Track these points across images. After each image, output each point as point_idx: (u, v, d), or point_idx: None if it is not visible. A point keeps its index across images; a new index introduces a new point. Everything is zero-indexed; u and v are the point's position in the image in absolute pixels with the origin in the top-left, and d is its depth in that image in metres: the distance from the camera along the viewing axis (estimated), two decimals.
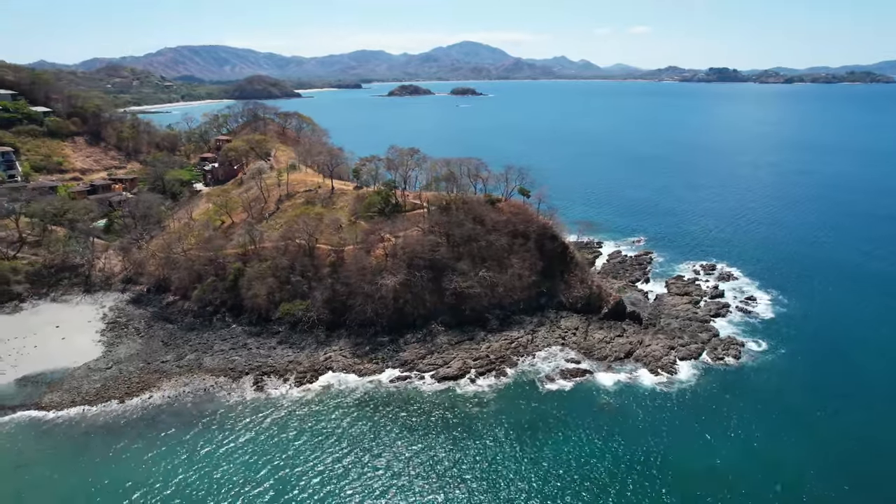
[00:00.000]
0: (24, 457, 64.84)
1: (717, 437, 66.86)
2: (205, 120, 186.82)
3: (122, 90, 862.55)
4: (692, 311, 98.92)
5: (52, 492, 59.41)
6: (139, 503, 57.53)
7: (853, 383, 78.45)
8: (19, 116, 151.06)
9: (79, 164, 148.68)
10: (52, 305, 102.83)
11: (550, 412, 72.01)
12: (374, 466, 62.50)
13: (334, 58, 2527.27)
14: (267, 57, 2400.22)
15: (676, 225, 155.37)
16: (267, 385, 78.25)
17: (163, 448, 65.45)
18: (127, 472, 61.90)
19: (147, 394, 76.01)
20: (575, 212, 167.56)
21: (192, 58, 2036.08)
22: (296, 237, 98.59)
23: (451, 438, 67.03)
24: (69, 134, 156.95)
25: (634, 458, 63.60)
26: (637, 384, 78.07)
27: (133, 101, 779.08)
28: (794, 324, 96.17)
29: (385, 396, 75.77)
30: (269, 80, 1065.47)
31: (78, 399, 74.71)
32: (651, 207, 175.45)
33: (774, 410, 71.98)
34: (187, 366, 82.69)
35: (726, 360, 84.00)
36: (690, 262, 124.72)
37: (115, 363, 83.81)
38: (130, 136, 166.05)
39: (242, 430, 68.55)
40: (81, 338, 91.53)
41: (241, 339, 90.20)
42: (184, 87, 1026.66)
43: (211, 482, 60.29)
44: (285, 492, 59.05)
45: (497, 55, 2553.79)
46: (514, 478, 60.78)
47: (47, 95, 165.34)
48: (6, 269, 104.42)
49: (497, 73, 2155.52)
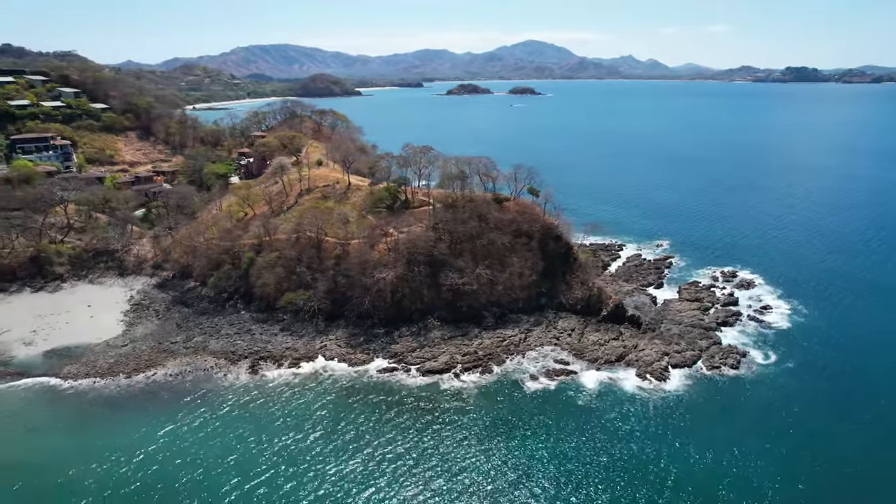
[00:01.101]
0: (36, 420, 71.45)
1: (687, 449, 64.79)
2: (246, 117, 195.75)
3: (194, 87, 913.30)
4: (698, 317, 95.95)
5: (56, 454, 65.02)
6: (126, 469, 62.21)
7: (860, 409, 72.63)
8: (79, 112, 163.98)
9: (128, 157, 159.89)
10: (88, 286, 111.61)
11: (526, 411, 72.27)
12: (339, 451, 65.00)
13: (399, 57, 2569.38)
14: (334, 56, 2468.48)
15: (706, 229, 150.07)
16: (261, 369, 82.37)
17: (154, 420, 70.37)
18: (120, 440, 67.05)
19: (152, 371, 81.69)
20: (601, 212, 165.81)
21: (262, 56, 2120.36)
22: (305, 230, 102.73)
23: (422, 431, 68.56)
24: (122, 129, 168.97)
25: (595, 461, 63.09)
26: (621, 388, 76.93)
27: (203, 97, 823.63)
28: (810, 337, 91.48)
29: (369, 386, 78.21)
30: (331, 79, 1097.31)
31: (91, 372, 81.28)
32: (682, 210, 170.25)
33: (760, 428, 68.58)
34: (193, 347, 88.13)
35: (723, 369, 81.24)
36: (712, 268, 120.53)
37: (131, 341, 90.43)
38: (177, 132, 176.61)
39: (227, 409, 72.78)
40: (107, 317, 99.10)
41: (247, 324, 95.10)
42: (251, 85, 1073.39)
43: (189, 454, 64.45)
44: (251, 467, 62.43)
45: (562, 54, 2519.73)
46: (471, 473, 61.60)
47: (106, 93, 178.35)
48: (51, 251, 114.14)
49: (561, 72, 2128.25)
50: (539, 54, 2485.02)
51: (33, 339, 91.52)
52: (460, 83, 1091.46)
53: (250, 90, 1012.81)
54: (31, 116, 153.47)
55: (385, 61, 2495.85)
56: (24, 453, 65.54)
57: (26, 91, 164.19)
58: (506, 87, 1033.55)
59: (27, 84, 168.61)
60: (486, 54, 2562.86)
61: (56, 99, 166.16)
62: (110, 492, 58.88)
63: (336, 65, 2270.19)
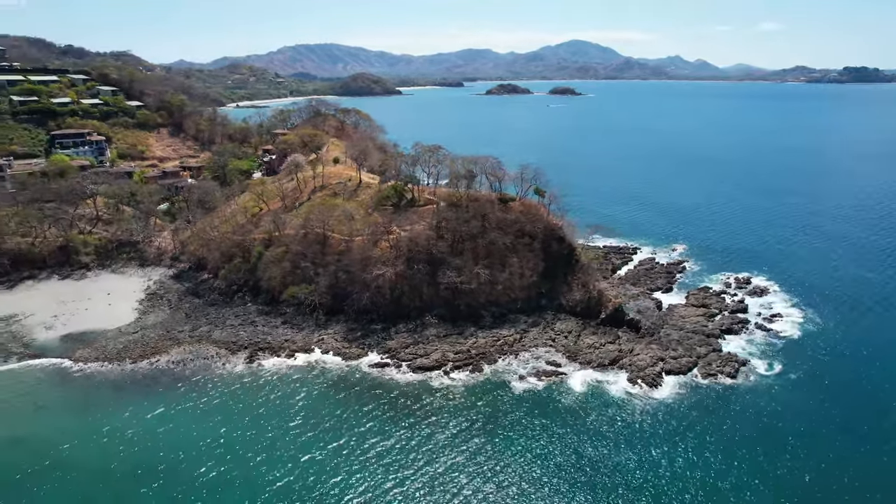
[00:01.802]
0: (45, 399, 75.74)
1: (664, 457, 63.46)
2: (272, 114, 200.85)
3: (239, 86, 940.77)
4: (702, 324, 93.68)
5: (58, 431, 68.68)
6: (116, 447, 65.38)
7: (862, 427, 68.72)
8: (116, 110, 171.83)
9: (158, 153, 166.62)
10: (111, 276, 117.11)
11: (508, 410, 72.29)
12: (316, 440, 66.72)
13: (442, 56, 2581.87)
14: (378, 55, 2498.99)
15: (726, 234, 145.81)
16: (258, 359, 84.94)
17: (149, 404, 73.60)
18: (116, 420, 70.47)
19: (157, 357, 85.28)
20: (621, 214, 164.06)
21: (308, 56, 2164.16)
22: (312, 226, 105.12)
23: (400, 425, 69.54)
24: (155, 125, 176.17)
25: (567, 463, 62.69)
26: (609, 392, 75.99)
27: (247, 95, 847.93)
28: (820, 348, 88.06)
29: (358, 380, 79.66)
30: (371, 78, 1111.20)
31: (101, 356, 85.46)
32: (704, 214, 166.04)
33: (747, 442, 66.00)
34: (198, 336, 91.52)
35: (719, 378, 79.15)
36: (726, 274, 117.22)
37: (142, 329, 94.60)
38: (207, 128, 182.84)
39: (218, 395, 75.54)
40: (123, 305, 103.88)
41: (252, 316, 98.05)
42: (294, 84, 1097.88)
43: (174, 436, 67.40)
44: (228, 451, 64.86)
45: (606, 54, 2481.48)
46: (439, 467, 62.17)
47: (142, 91, 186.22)
48: (79, 242, 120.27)
49: (605, 72, 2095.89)
50: (583, 54, 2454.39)
51: (54, 323, 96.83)
52: (500, 83, 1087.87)
53: (293, 89, 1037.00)
54: (71, 113, 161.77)
55: (428, 61, 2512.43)
56: (31, 429, 69.63)
57: (68, 89, 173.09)
58: (546, 88, 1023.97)
59: (70, 83, 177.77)
60: (529, 54, 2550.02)
61: (95, 97, 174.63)
62: (97, 468, 62.00)
63: (380, 64, 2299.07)
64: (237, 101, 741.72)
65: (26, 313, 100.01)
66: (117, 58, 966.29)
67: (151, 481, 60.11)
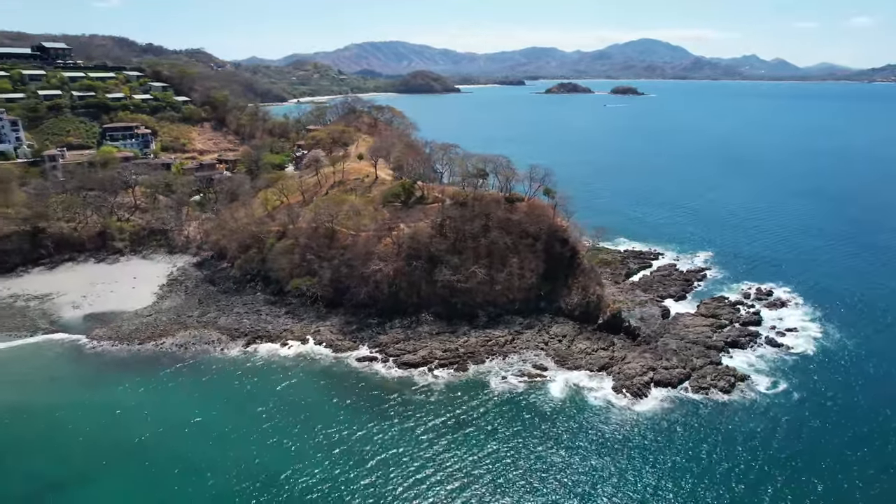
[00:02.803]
0: (58, 372, 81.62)
1: (626, 473, 60.88)
2: (309, 111, 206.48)
3: (303, 82, 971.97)
4: (706, 334, 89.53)
5: (63, 402, 73.88)
6: (107, 420, 69.79)
7: (864, 459, 63.05)
8: (164, 105, 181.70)
9: (199, 146, 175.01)
10: (140, 261, 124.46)
11: (482, 410, 71.87)
12: (288, 425, 68.93)
13: (506, 54, 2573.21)
14: (442, 53, 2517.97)
15: (761, 241, 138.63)
16: (254, 346, 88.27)
17: (145, 381, 78.10)
18: (113, 395, 75.15)
19: (163, 339, 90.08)
20: (650, 217, 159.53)
21: (374, 53, 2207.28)
22: (323, 221, 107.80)
23: (373, 416, 70.61)
24: (199, 120, 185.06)
25: (529, 468, 61.67)
26: (588, 400, 74.12)
27: (309, 92, 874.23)
28: (834, 367, 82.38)
29: (342, 372, 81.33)
30: (431, 76, 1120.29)
31: (114, 336, 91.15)
32: (737, 219, 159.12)
33: (724, 468, 61.93)
34: (204, 322, 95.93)
35: (711, 392, 75.50)
36: (748, 284, 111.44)
37: (156, 312, 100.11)
38: (248, 123, 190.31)
39: (207, 377, 79.36)
40: (145, 289, 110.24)
41: (258, 305, 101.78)
42: (356, 81, 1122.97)
43: (159, 412, 71.36)
44: (204, 428, 68.47)
45: (676, 53, 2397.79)
46: (397, 459, 62.74)
47: (190, 87, 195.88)
48: (115, 228, 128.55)
49: (673, 72, 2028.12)
50: (651, 53, 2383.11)
51: (81, 303, 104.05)
52: (560, 82, 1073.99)
53: (354, 86, 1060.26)
54: (123, 107, 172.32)
55: (491, 59, 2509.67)
56: (39, 398, 75.25)
57: (123, 85, 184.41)
58: (608, 87, 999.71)
59: (125, 79, 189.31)
60: (595, 52, 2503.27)
61: (146, 92, 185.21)
62: (85, 437, 66.49)
63: (444, 62, 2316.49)
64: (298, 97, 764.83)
65: (60, 292, 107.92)
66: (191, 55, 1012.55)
67: (129, 452, 63.94)
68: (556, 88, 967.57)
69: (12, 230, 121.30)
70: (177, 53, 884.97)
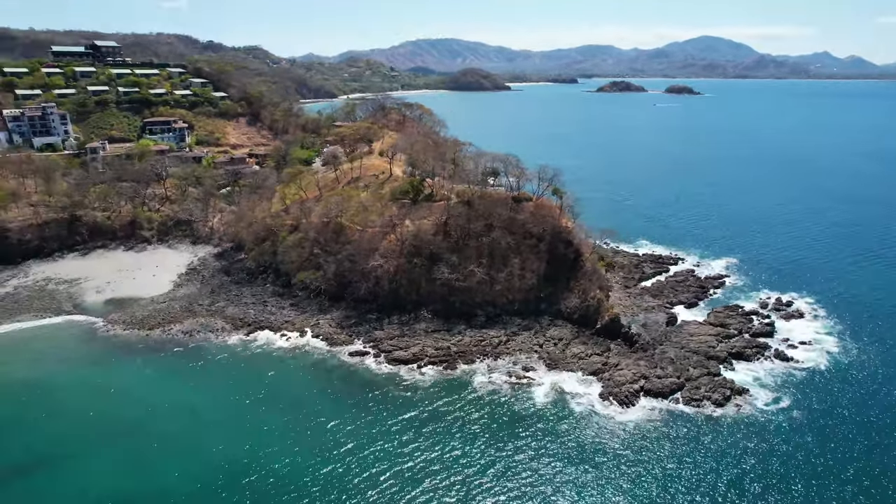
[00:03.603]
0: (69, 352, 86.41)
1: (593, 486, 59.19)
2: (340, 107, 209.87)
3: (355, 78, 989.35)
4: (709, 344, 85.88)
5: (68, 380, 78.45)
6: (102, 400, 73.74)
7: (859, 491, 59.05)
8: (202, 100, 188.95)
9: (232, 140, 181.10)
10: (166, 250, 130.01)
11: (462, 410, 71.56)
12: (268, 411, 71.10)
13: (561, 52, 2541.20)
14: (496, 50, 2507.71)
15: (790, 248, 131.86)
16: (254, 336, 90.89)
17: (144, 364, 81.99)
18: (115, 376, 79.38)
19: (171, 326, 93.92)
20: (679, 221, 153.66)
21: (429, 50, 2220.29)
22: (330, 215, 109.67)
23: (352, 408, 71.67)
24: (235, 115, 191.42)
25: (488, 467, 61.08)
26: (571, 406, 72.49)
27: (360, 88, 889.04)
28: (845, 384, 77.45)
29: (332, 365, 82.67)
30: (481, 73, 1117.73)
31: (127, 320, 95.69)
32: (775, 224, 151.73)
33: (699, 489, 58.97)
34: (213, 311, 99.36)
35: (703, 405, 72.41)
36: (768, 293, 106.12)
37: (170, 300, 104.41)
38: (281, 119, 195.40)
39: (203, 363, 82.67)
40: (165, 277, 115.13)
41: (266, 297, 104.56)
42: (406, 77, 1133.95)
43: (150, 393, 75.15)
44: (188, 410, 71.66)
45: (740, 51, 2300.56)
46: (362, 452, 63.39)
47: (228, 83, 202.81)
48: (144, 217, 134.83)
49: (734, 70, 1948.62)
50: (713, 51, 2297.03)
51: (104, 288, 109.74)
52: (613, 80, 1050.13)
53: (404, 82, 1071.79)
54: (164, 102, 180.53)
55: (546, 56, 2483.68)
56: (50, 376, 79.77)
57: (165, 81, 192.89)
58: (662, 86, 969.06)
59: (167, 75, 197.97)
60: (653, 51, 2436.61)
61: (186, 88, 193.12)
62: (77, 414, 70.43)
63: (498, 59, 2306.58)
64: (349, 93, 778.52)
65: (88, 278, 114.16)
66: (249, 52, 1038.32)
67: (119, 431, 67.37)
68: (608, 87, 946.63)
69: (52, 218, 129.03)
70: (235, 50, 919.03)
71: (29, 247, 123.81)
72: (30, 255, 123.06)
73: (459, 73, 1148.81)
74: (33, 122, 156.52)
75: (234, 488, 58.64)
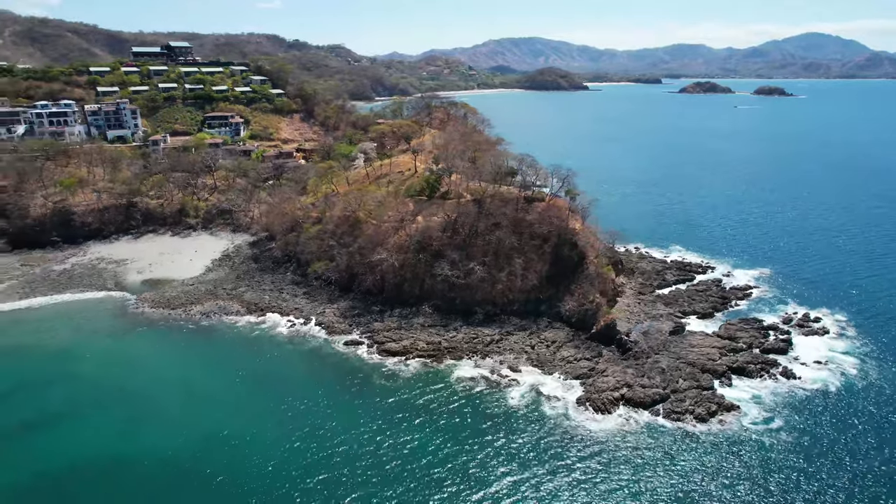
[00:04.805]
0: (101, 324, 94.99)
1: (526, 495, 58.35)
2: (386, 106, 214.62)
3: (433, 77, 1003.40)
4: (709, 356, 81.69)
5: (88, 349, 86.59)
6: (112, 367, 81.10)
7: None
8: (260, 97, 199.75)
9: (284, 135, 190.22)
10: (207, 237, 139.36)
11: (433, 404, 72.49)
12: (252, 391, 75.42)
13: (647, 51, 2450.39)
14: (580, 49, 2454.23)
15: (834, 262, 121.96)
16: (262, 320, 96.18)
17: (157, 339, 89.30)
18: (129, 348, 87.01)
19: (192, 307, 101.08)
20: (721, 229, 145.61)
21: (511, 49, 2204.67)
22: (350, 209, 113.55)
23: (327, 395, 74.39)
24: (290, 111, 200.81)
25: (439, 460, 61.74)
26: (544, 408, 71.60)
27: (436, 86, 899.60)
28: (853, 411, 71.23)
29: (326, 353, 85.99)
30: (559, 73, 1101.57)
31: (156, 300, 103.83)
32: (830, 236, 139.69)
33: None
34: (233, 294, 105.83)
35: (684, 419, 69.29)
36: (796, 308, 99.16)
37: (198, 283, 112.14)
38: (333, 115, 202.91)
39: (209, 342, 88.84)
40: (200, 262, 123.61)
41: (284, 284, 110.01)
42: (483, 76, 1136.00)
43: (149, 365, 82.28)
44: (183, 385, 77.12)
45: (848, 49, 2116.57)
46: (326, 437, 65.79)
47: (286, 81, 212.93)
48: (191, 206, 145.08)
49: (840, 70, 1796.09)
50: (817, 49, 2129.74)
51: (145, 269, 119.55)
52: (697, 81, 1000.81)
53: (480, 81, 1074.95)
54: (224, 98, 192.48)
55: (632, 56, 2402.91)
56: (78, 344, 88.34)
57: (228, 79, 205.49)
58: (751, 87, 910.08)
59: (230, 73, 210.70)
60: (748, 50, 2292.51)
61: (247, 85, 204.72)
62: (87, 380, 77.83)
63: (581, 59, 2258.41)
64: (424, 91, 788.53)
65: (135, 259, 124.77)
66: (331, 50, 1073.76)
67: (118, 398, 73.84)
68: (690, 88, 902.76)
69: (111, 203, 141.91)
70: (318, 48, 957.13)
71: (90, 229, 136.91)
72: (91, 237, 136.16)
73: (536, 71, 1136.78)
74: (108, 116, 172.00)
75: (203, 456, 62.98)
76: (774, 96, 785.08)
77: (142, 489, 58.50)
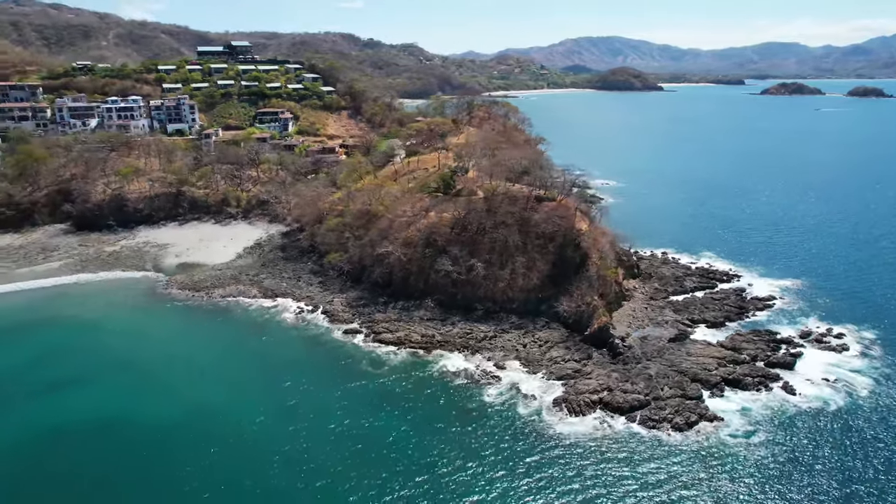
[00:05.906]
0: (130, 301, 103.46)
1: (478, 492, 58.59)
2: (429, 104, 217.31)
3: (503, 76, 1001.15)
4: (706, 366, 78.51)
5: (119, 325, 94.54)
6: (135, 343, 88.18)
7: None
8: (310, 94, 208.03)
9: (330, 131, 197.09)
10: (245, 226, 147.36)
11: (410, 393, 74.20)
12: (242, 367, 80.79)
13: (734, 51, 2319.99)
14: (661, 49, 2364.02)
15: (872, 275, 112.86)
16: (273, 304, 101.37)
17: (175, 317, 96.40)
18: (153, 326, 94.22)
19: (215, 290, 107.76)
20: (759, 236, 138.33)
21: (588, 48, 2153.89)
22: (367, 203, 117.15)
23: (311, 378, 77.92)
24: (338, 108, 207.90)
25: (403, 449, 63.22)
26: (518, 407, 71.50)
27: (505, 85, 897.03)
28: (851, 433, 66.54)
29: (324, 340, 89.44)
30: (631, 72, 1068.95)
31: (184, 282, 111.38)
32: (865, 249, 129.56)
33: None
34: (254, 280, 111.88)
35: (661, 428, 67.14)
36: (818, 322, 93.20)
37: (226, 268, 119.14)
38: (380, 113, 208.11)
39: (220, 323, 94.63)
40: (232, 249, 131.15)
41: (302, 273, 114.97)
42: (554, 76, 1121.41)
43: (164, 342, 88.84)
44: (186, 361, 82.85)
45: None
46: (299, 416, 68.79)
47: (337, 78, 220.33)
48: (232, 196, 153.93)
49: None
50: None
51: (182, 253, 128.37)
52: (782, 82, 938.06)
53: (550, 81, 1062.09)
54: (276, 95, 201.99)
55: (717, 55, 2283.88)
56: (107, 319, 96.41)
57: (282, 76, 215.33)
58: (844, 88, 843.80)
59: (284, 70, 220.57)
60: (848, 47, 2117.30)
61: (299, 83, 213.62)
62: (106, 353, 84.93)
63: (662, 58, 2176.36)
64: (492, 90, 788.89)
65: (175, 244, 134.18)
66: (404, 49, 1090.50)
67: (125, 367, 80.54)
68: (774, 89, 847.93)
69: (163, 191, 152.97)
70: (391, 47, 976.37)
71: (142, 214, 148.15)
72: (142, 222, 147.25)
73: (609, 71, 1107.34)
74: (169, 110, 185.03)
75: (189, 425, 68.00)
76: (870, 98, 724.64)
77: (134, 448, 64.10)
